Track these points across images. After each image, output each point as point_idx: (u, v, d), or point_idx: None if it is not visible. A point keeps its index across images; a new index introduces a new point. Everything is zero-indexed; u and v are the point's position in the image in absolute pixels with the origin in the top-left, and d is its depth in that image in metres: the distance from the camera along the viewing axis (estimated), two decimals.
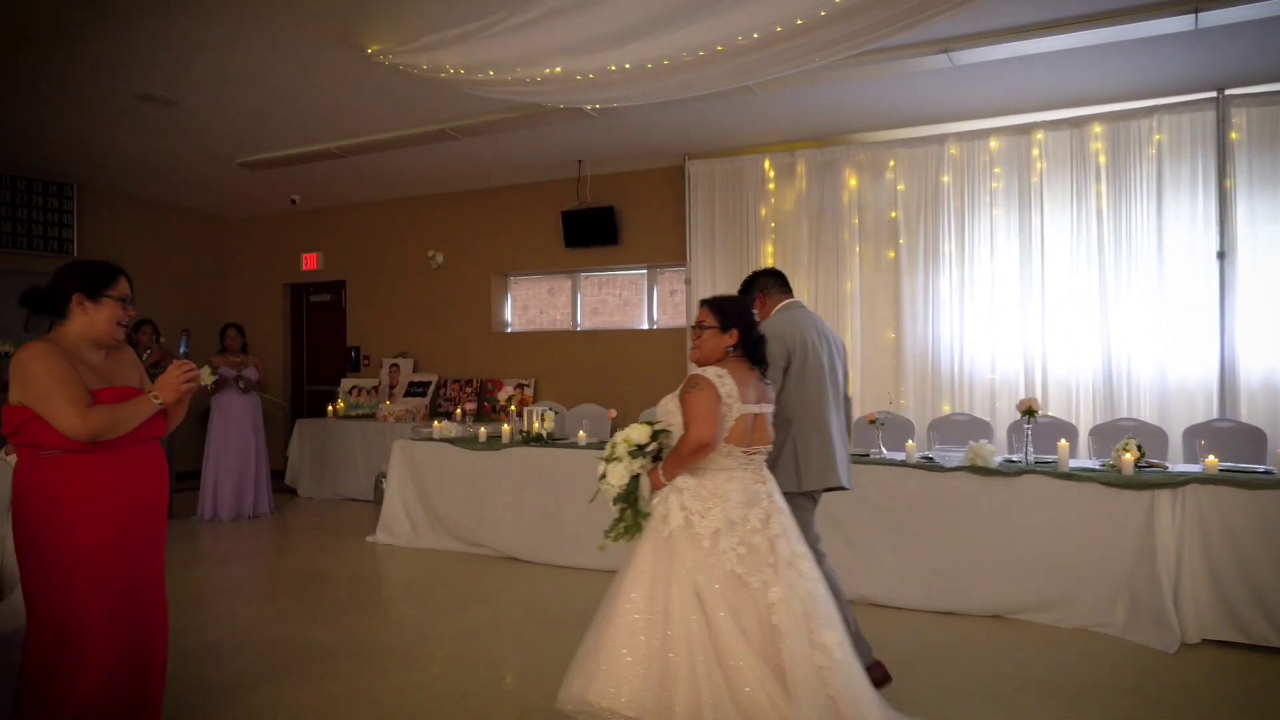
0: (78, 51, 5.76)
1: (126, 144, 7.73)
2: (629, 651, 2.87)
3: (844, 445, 3.74)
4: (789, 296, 3.91)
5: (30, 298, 2.79)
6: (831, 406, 3.69)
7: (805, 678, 2.77)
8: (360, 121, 7.07)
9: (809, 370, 3.63)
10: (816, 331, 3.73)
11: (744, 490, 3.02)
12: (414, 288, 9.32)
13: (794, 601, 2.88)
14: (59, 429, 2.63)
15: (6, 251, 8.36)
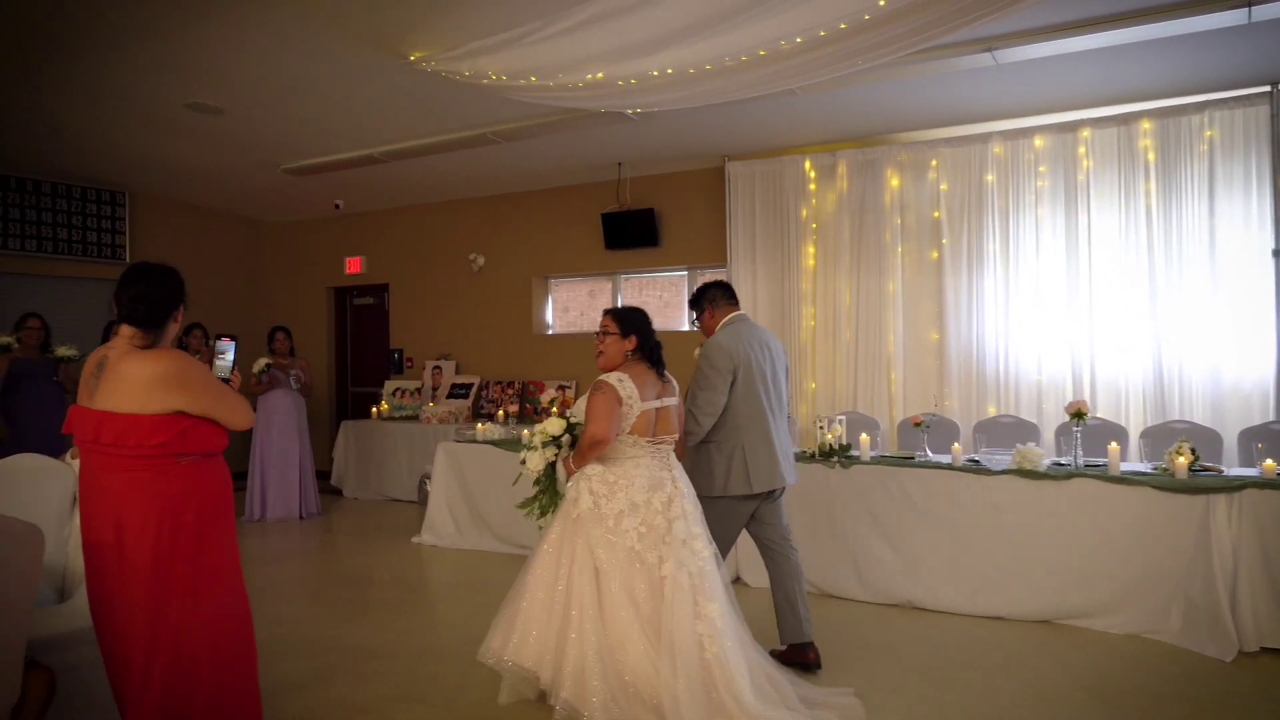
0: (130, 62, 5.88)
1: (175, 152, 7.88)
2: (535, 617, 3.38)
3: (787, 447, 4.09)
4: (735, 309, 4.17)
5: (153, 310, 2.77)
6: (772, 414, 3.99)
7: (685, 642, 3.22)
8: (403, 127, 7.15)
9: (753, 382, 3.93)
10: (759, 344, 4.03)
11: (648, 476, 3.45)
12: (456, 290, 9.40)
13: (682, 576, 3.31)
14: (233, 425, 2.75)
15: (64, 259, 8.56)
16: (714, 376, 3.88)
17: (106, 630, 2.68)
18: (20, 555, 2.47)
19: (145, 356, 2.70)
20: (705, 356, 3.96)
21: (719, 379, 3.87)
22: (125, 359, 2.69)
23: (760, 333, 4.11)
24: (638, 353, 3.60)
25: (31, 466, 3.78)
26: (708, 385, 3.88)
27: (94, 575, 2.69)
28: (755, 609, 5.14)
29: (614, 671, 3.22)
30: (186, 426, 2.68)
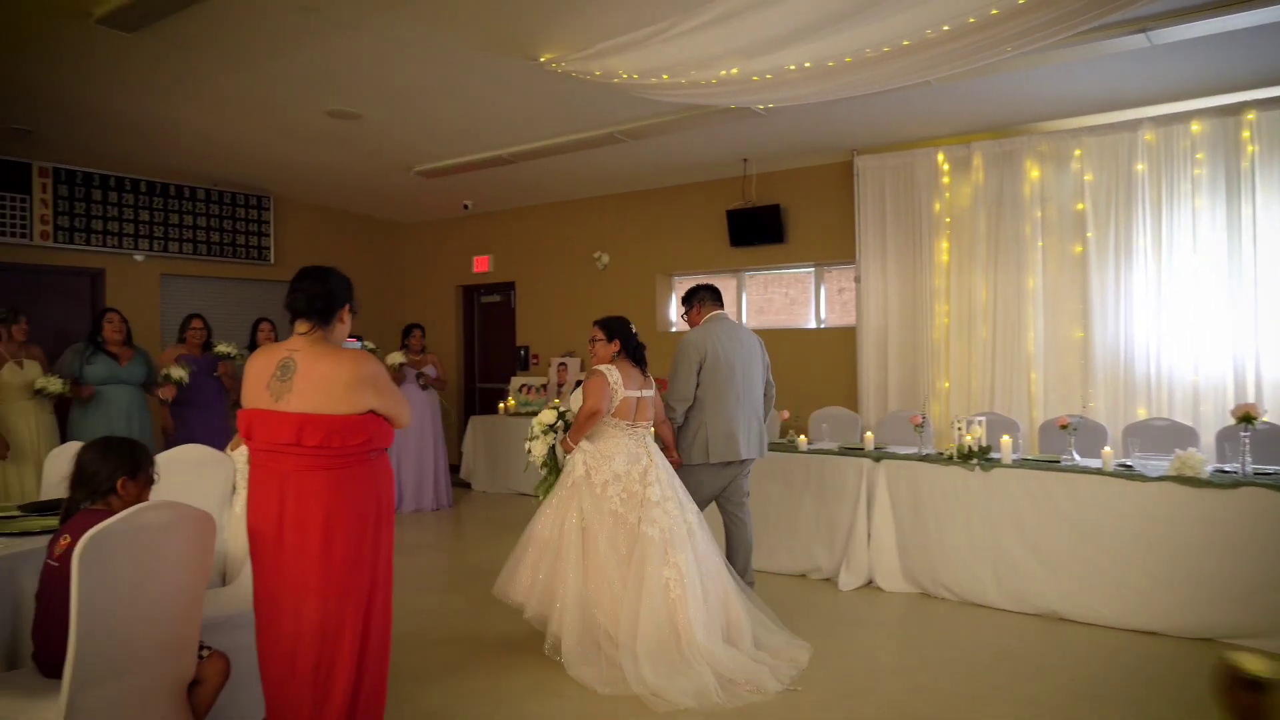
0: (277, 74, 6.16)
1: (316, 157, 8.23)
2: (535, 562, 4.20)
3: (750, 426, 4.79)
4: (718, 309, 4.96)
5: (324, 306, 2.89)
6: (736, 398, 4.71)
7: (652, 584, 3.97)
8: (531, 128, 7.27)
9: (719, 371, 4.68)
10: (730, 338, 4.78)
11: (629, 452, 4.25)
12: (580, 288, 9.51)
13: (654, 532, 4.06)
14: (401, 424, 2.87)
15: (215, 260, 9.06)
16: (683, 367, 4.70)
17: (287, 630, 2.72)
18: (197, 541, 2.61)
19: (339, 358, 2.79)
20: (679, 349, 4.79)
21: (687, 369, 4.69)
22: (319, 361, 2.77)
23: (735, 329, 4.89)
24: (622, 353, 4.47)
25: (196, 457, 3.99)
26: (677, 375, 4.71)
27: (282, 575, 2.73)
28: (890, 612, 5.04)
29: (589, 611, 4.03)
30: (378, 425, 2.78)
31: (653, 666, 3.80)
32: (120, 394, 6.25)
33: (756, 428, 4.85)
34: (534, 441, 4.56)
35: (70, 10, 5.19)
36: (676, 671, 3.83)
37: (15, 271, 7.80)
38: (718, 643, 4.00)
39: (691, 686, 3.74)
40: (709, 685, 3.75)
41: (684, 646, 3.90)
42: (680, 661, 3.87)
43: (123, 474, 2.70)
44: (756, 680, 3.88)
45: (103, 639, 2.39)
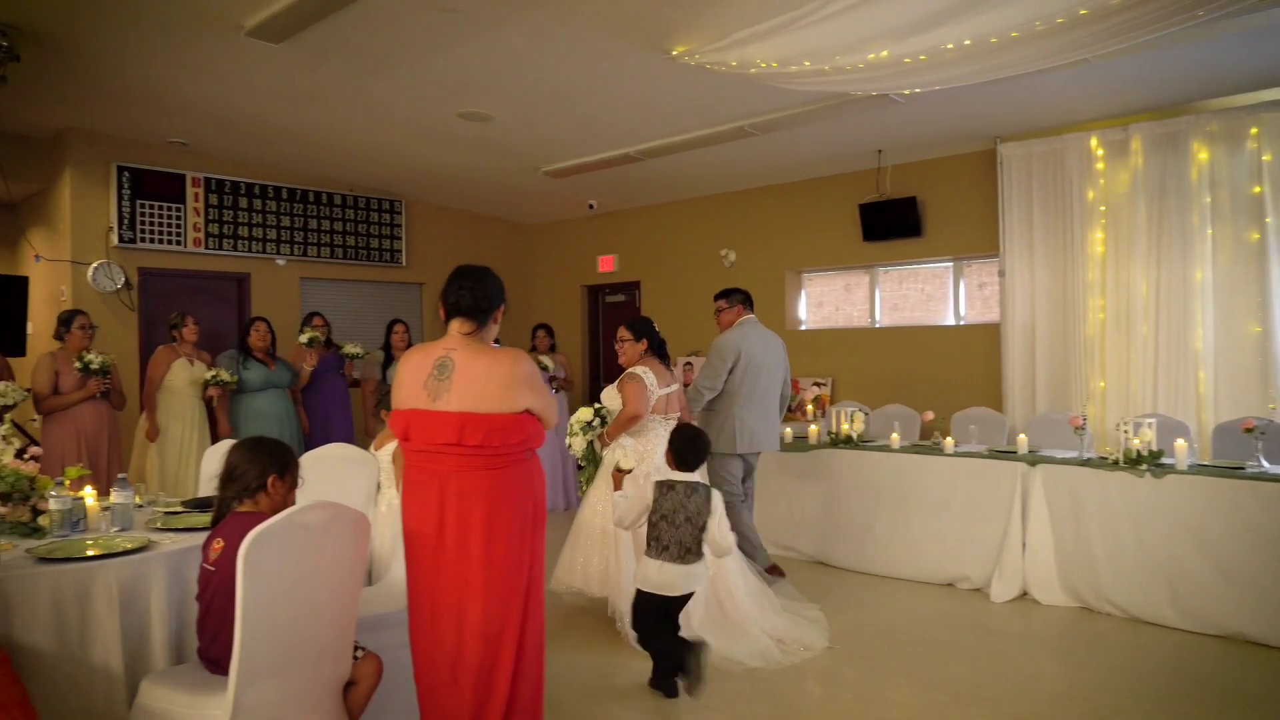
0: (413, 78, 6.25)
1: (447, 159, 8.35)
2: (586, 549, 4.58)
3: (770, 422, 5.32)
4: (750, 313, 5.50)
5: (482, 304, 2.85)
6: (761, 396, 5.22)
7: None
8: (659, 124, 7.17)
9: (749, 370, 5.18)
10: (760, 342, 5.32)
11: (664, 445, 4.24)
12: (707, 286, 9.31)
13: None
14: (551, 424, 2.83)
15: (350, 264, 9.32)
16: (719, 364, 5.19)
17: (449, 634, 2.68)
18: (353, 541, 2.59)
19: (497, 356, 2.75)
20: (716, 347, 5.30)
21: (722, 366, 5.18)
22: (477, 359, 2.73)
23: (764, 333, 5.42)
24: (649, 351, 4.75)
25: (341, 455, 4.03)
26: (712, 369, 5.20)
27: (443, 577, 2.69)
28: (1049, 626, 4.73)
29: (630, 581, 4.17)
30: (534, 425, 2.73)
31: (712, 635, 4.12)
32: (275, 398, 6.47)
33: (774, 424, 5.39)
34: (574, 438, 4.81)
35: (223, 24, 5.37)
36: (734, 637, 4.24)
37: (171, 277, 8.19)
38: (764, 608, 4.47)
39: (754, 648, 4.18)
40: (769, 645, 4.21)
41: (732, 614, 4.36)
42: (734, 627, 4.30)
43: (273, 472, 2.71)
44: (804, 639, 4.36)
45: (266, 638, 2.39)
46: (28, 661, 2.53)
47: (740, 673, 4.05)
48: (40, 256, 7.98)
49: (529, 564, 2.74)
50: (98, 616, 2.68)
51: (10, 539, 2.91)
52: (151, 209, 7.94)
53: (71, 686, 2.64)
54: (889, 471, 5.65)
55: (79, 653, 2.66)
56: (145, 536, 2.99)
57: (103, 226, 7.73)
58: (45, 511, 3.10)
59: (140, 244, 7.87)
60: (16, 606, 2.60)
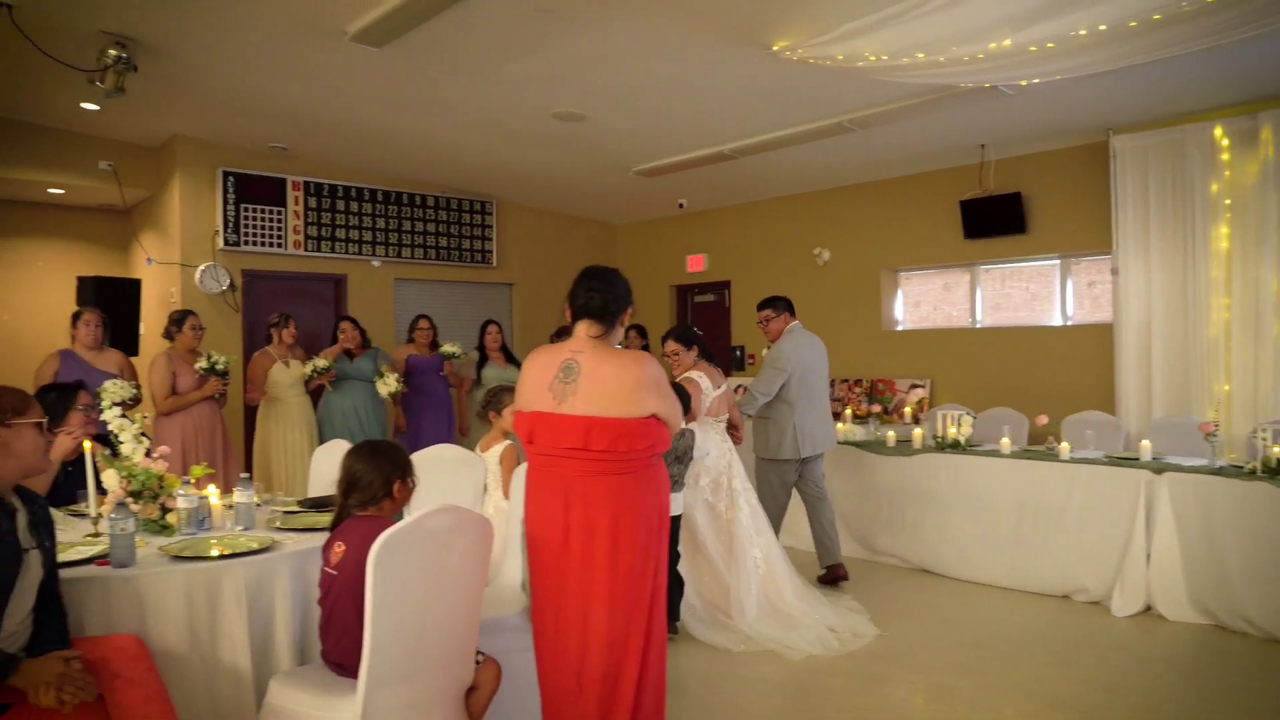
0: (508, 79, 6.26)
1: (538, 160, 8.37)
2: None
3: (826, 423, 5.54)
4: (794, 320, 5.65)
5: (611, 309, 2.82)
6: (818, 399, 5.43)
7: (747, 562, 4.62)
8: (754, 121, 7.06)
9: (805, 377, 5.36)
10: (809, 348, 5.49)
11: (717, 448, 4.80)
12: (799, 286, 9.18)
13: (743, 516, 4.70)
14: (675, 428, 2.76)
15: (443, 264, 9.42)
16: (775, 374, 5.32)
17: (574, 641, 2.63)
18: (476, 545, 2.56)
19: (624, 359, 2.70)
20: (771, 356, 5.43)
21: (779, 376, 5.30)
22: (604, 362, 2.67)
23: (811, 338, 5.58)
24: (700, 357, 5.01)
25: (450, 456, 4.04)
26: (769, 378, 5.33)
27: (568, 583, 2.64)
28: (1178, 645, 4.48)
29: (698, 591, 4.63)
30: (660, 430, 2.66)
31: (769, 627, 4.45)
32: (358, 392, 6.56)
33: (829, 423, 5.60)
34: None
35: (327, 30, 5.45)
36: (791, 628, 4.47)
37: (273, 279, 8.40)
38: (810, 600, 4.68)
39: (811, 636, 4.39)
40: (825, 634, 4.43)
41: (783, 607, 4.59)
42: (788, 619, 4.53)
43: (397, 478, 2.70)
44: (855, 627, 4.58)
45: (394, 643, 2.37)
46: (160, 658, 2.57)
47: (846, 687, 3.96)
48: (152, 260, 8.26)
49: (654, 570, 2.68)
50: (226, 615, 2.71)
51: (141, 536, 2.97)
52: (254, 212, 8.15)
53: (202, 684, 2.67)
54: (998, 477, 5.44)
55: (209, 651, 2.69)
56: (269, 536, 3.02)
57: (209, 230, 7.96)
58: (173, 509, 3.16)
59: (244, 247, 8.08)
60: (150, 604, 2.64)
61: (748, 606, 4.54)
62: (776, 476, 5.38)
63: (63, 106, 7.13)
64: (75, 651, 2.32)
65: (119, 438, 3.30)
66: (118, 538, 2.67)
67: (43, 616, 2.42)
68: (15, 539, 2.32)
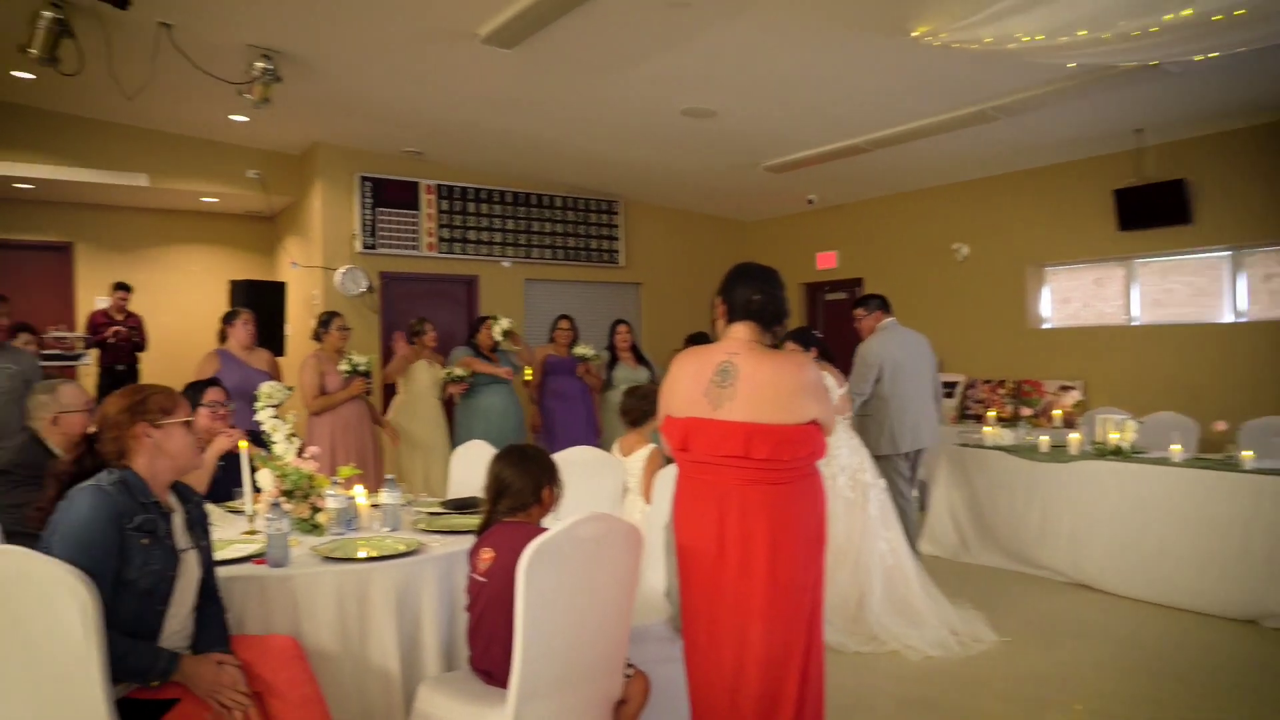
0: (638, 76, 6.20)
1: (665, 158, 8.30)
2: None
3: (925, 418, 5.48)
4: (889, 316, 5.65)
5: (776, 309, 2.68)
6: (911, 396, 5.40)
7: (876, 557, 4.57)
8: (890, 113, 6.79)
9: (896, 374, 5.38)
10: (899, 343, 5.49)
11: (848, 445, 4.80)
12: (936, 283, 8.84)
13: (874, 510, 4.67)
14: (830, 433, 2.62)
15: (571, 264, 9.46)
16: (865, 370, 5.39)
17: (729, 658, 2.51)
18: (626, 554, 2.47)
19: (783, 362, 2.57)
20: (860, 355, 5.47)
21: (869, 372, 5.37)
22: (762, 365, 2.54)
23: (905, 335, 5.58)
24: (820, 357, 4.92)
25: (589, 459, 3.99)
26: (859, 376, 5.39)
27: (723, 598, 2.52)
28: None
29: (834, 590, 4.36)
30: (819, 437, 2.52)
31: (893, 622, 4.40)
32: (497, 393, 6.60)
33: (930, 419, 5.52)
34: None
35: (459, 33, 5.50)
36: (914, 625, 4.41)
37: (408, 280, 8.60)
38: (935, 599, 4.59)
39: (933, 637, 4.33)
40: (946, 636, 4.35)
41: (911, 603, 4.51)
42: (914, 615, 4.46)
43: (546, 483, 2.64)
44: (975, 632, 4.47)
45: (545, 654, 2.31)
46: (313, 658, 2.57)
47: (1004, 713, 3.70)
48: (296, 264, 8.58)
49: (813, 585, 2.53)
50: (375, 617, 2.70)
51: (294, 535, 3.00)
52: (390, 216, 8.36)
53: (353, 685, 2.67)
54: (1170, 488, 5.01)
55: (359, 652, 2.69)
56: (416, 539, 3.01)
57: (348, 233, 8.20)
58: (322, 509, 3.19)
59: (380, 249, 8.30)
60: (303, 604, 2.65)
61: (877, 601, 4.49)
62: (887, 472, 5.23)
63: (214, 119, 7.47)
64: (231, 657, 2.33)
65: (272, 438, 3.37)
66: (274, 538, 2.70)
67: (204, 615, 2.46)
68: (172, 542, 2.35)
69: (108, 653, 2.07)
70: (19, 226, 8.54)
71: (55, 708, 2.08)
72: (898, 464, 5.40)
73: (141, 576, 2.23)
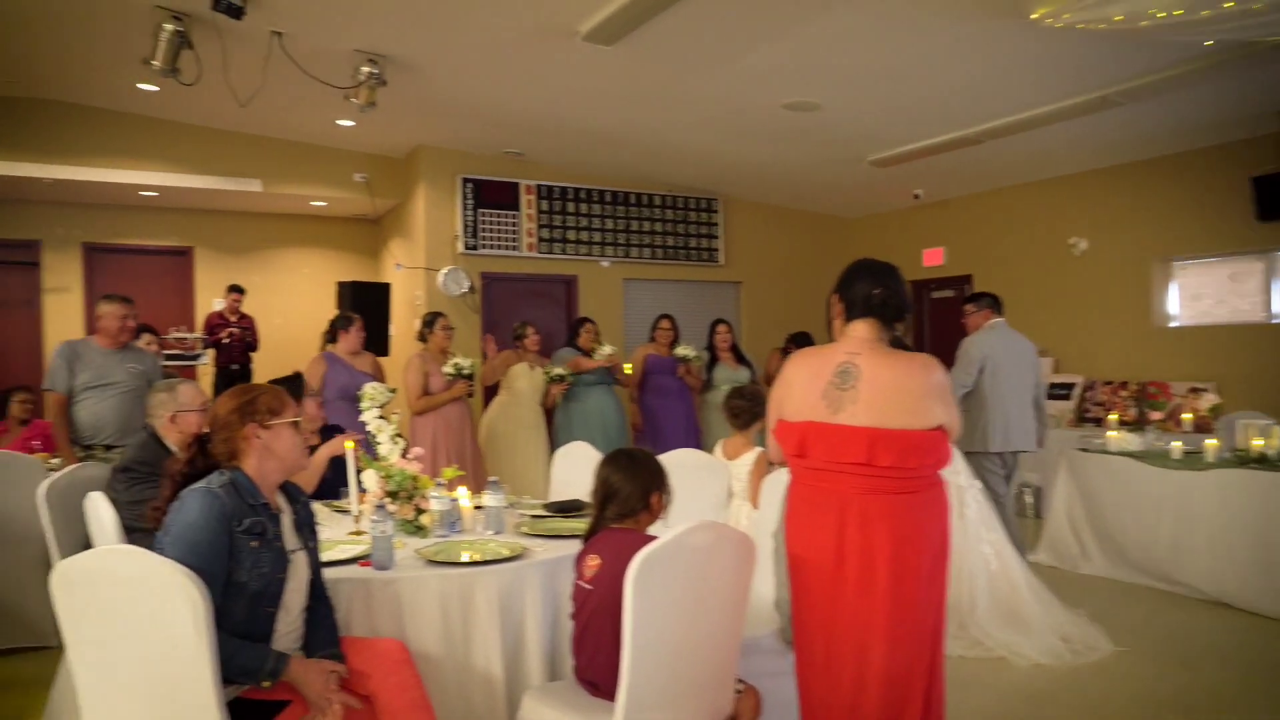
0: (739, 71, 6.08)
1: (765, 154, 8.14)
2: None
3: (1023, 420, 5.35)
4: (996, 317, 5.55)
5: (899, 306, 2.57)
6: (1009, 396, 5.30)
7: (979, 560, 4.44)
8: (1003, 101, 6.49)
9: (996, 373, 5.30)
10: (1003, 344, 5.39)
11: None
12: (1050, 279, 8.42)
13: (971, 513, 4.52)
14: (955, 439, 2.46)
15: (670, 263, 9.38)
16: (967, 364, 5.35)
17: (847, 678, 2.37)
18: (737, 565, 2.36)
19: (908, 363, 2.42)
20: (963, 349, 5.43)
21: (971, 366, 5.33)
22: (885, 366, 2.40)
23: (1011, 337, 5.48)
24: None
25: (692, 462, 3.89)
26: (961, 370, 5.33)
27: (841, 614, 2.38)
28: None
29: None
30: (945, 444, 2.37)
31: (998, 629, 4.22)
32: (598, 394, 6.56)
33: (1026, 424, 5.37)
34: None
35: (560, 31, 5.47)
36: (1021, 632, 4.22)
37: (508, 280, 8.66)
38: (1045, 604, 4.42)
39: (1043, 644, 4.14)
40: (1057, 643, 4.16)
41: (1018, 609, 4.33)
42: (1021, 622, 4.28)
43: (655, 489, 2.54)
44: (1089, 639, 4.27)
45: (653, 666, 2.21)
46: (418, 662, 2.54)
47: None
48: (401, 265, 8.73)
49: (937, 602, 2.37)
50: (479, 622, 2.66)
51: (398, 537, 2.99)
52: (491, 217, 8.42)
53: (456, 691, 2.63)
54: None
55: (463, 657, 2.65)
56: (519, 543, 2.96)
57: (450, 235, 8.30)
58: (426, 510, 3.18)
59: (481, 250, 8.38)
60: (408, 607, 2.63)
61: (980, 607, 4.35)
62: (979, 469, 5.19)
63: (322, 124, 7.66)
64: (339, 666, 2.31)
65: (377, 438, 3.37)
66: (378, 540, 2.68)
67: (313, 615, 2.45)
68: (281, 544, 2.35)
69: (218, 653, 2.07)
70: (144, 232, 8.93)
71: (169, 705, 2.09)
72: (988, 462, 5.34)
73: (252, 579, 2.23)
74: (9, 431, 5.71)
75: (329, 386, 5.39)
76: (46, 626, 3.69)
